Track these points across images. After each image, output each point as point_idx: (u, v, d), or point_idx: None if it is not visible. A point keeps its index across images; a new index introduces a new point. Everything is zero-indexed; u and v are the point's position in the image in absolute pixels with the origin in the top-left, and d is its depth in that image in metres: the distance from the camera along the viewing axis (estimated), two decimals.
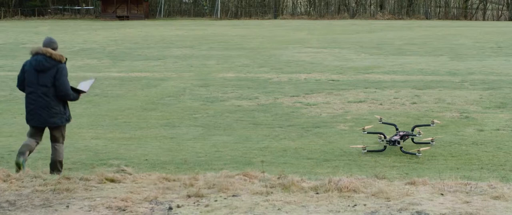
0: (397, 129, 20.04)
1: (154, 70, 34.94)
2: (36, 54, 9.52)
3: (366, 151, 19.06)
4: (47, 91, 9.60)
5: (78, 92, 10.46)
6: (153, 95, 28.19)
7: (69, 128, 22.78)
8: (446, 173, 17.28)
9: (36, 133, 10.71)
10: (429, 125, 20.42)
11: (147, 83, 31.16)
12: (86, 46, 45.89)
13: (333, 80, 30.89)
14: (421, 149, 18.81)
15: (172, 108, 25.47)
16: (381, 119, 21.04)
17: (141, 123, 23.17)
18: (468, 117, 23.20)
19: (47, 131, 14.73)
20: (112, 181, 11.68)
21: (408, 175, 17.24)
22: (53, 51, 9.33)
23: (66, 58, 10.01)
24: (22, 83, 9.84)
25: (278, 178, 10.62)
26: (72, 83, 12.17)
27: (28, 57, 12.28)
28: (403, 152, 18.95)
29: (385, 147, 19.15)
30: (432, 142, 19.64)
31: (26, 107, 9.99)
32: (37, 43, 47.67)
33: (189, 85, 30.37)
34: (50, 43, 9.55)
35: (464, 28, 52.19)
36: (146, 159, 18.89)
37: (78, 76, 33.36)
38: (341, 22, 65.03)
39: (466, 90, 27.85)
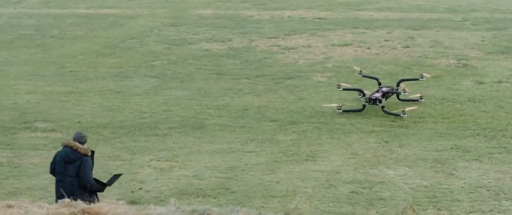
0: (379, 84, 16.97)
1: (126, 6, 31.69)
2: (65, 146, 10.57)
3: (341, 110, 16.06)
4: (72, 181, 10.46)
5: (103, 184, 10.69)
6: (116, 36, 25.07)
7: (3, 79, 19.91)
8: (435, 142, 14.30)
9: None
10: (417, 79, 17.32)
11: (113, 22, 28.00)
12: None
13: (319, 18, 27.65)
14: (406, 109, 15.78)
15: (131, 53, 22.39)
16: (361, 71, 17.92)
17: (90, 72, 20.14)
18: (467, 64, 20.06)
19: None
20: None
21: (388, 143, 14.27)
22: (79, 145, 10.44)
23: (93, 151, 10.75)
24: (53, 171, 10.76)
25: None
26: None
27: None
28: (385, 112, 15.92)
29: (364, 106, 16.13)
30: (421, 99, 16.59)
31: (55, 193, 10.72)
32: None
33: (159, 24, 27.21)
34: (79, 138, 10.60)
35: None
36: (79, 121, 15.91)
37: (41, 13, 30.26)
38: None
39: (467, 31, 24.61)
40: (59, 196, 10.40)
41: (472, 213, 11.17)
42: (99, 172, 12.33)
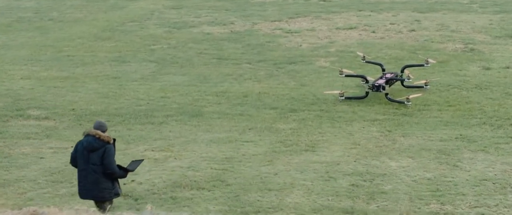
0: (383, 70, 16.46)
1: None
2: (87, 135, 10.67)
3: (344, 97, 15.57)
4: (96, 169, 10.58)
5: (126, 170, 10.79)
6: (115, 19, 24.59)
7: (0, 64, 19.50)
8: (439, 131, 13.80)
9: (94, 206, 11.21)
10: (422, 65, 16.78)
11: (114, 4, 27.50)
12: None
13: (324, 0, 27.11)
14: (411, 96, 15.28)
15: (130, 37, 21.91)
16: (364, 56, 17.39)
17: (87, 57, 19.67)
18: (474, 49, 19.51)
19: None
20: None
21: (391, 133, 13.79)
22: (101, 133, 10.59)
23: (115, 139, 10.83)
24: (74, 160, 10.81)
25: None
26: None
27: None
28: (389, 99, 15.43)
29: (367, 93, 15.64)
30: (426, 85, 16.07)
31: (78, 182, 10.81)
32: None
33: (160, 6, 26.71)
34: (99, 126, 10.73)
35: None
36: (73, 109, 15.47)
37: None
38: None
39: (475, 13, 24.03)
40: (82, 185, 10.60)
41: (477, 208, 10.69)
42: None
